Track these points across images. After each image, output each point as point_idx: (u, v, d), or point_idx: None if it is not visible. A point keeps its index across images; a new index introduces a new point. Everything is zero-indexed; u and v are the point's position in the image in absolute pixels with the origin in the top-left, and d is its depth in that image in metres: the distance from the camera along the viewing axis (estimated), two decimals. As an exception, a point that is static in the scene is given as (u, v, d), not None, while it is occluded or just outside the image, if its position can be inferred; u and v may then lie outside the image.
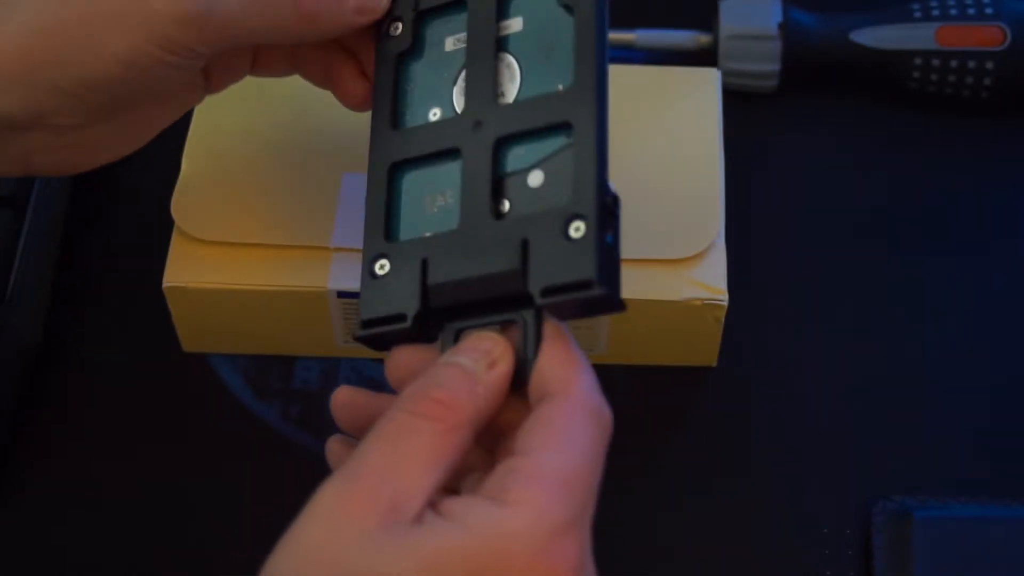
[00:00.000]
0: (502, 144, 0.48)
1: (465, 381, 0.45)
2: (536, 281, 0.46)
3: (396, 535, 0.42)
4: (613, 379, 0.63)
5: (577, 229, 0.46)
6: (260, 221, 0.60)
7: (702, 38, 0.71)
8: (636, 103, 0.63)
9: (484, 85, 0.49)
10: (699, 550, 0.59)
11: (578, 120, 0.47)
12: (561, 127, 0.48)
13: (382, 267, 0.49)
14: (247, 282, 0.59)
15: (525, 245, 0.46)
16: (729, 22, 0.70)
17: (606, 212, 0.46)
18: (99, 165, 0.55)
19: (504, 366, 0.46)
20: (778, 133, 0.70)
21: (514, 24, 0.50)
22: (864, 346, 0.64)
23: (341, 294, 0.59)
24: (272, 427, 0.62)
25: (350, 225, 0.59)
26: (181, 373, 0.63)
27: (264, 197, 0.60)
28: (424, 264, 0.48)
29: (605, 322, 0.60)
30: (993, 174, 0.69)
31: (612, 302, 0.45)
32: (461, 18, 0.51)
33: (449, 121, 0.50)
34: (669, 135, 0.63)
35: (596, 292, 0.45)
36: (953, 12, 0.69)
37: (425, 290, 0.48)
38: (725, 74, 0.68)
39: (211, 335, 0.62)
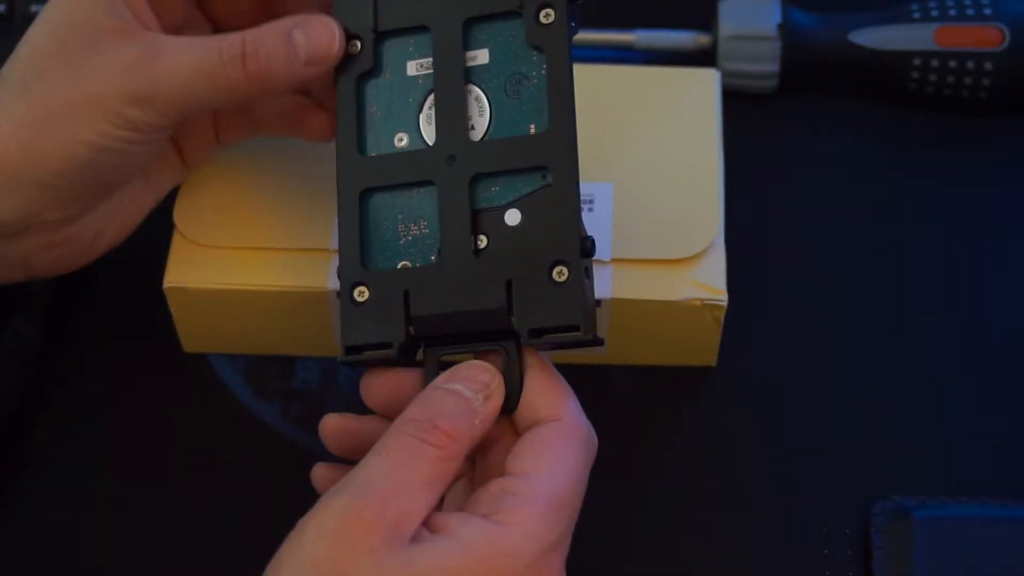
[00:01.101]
0: (477, 180, 0.51)
1: (468, 413, 0.48)
2: (523, 322, 0.49)
3: (398, 552, 0.44)
4: (613, 379, 0.63)
5: (560, 273, 0.49)
6: (262, 226, 0.60)
7: (701, 38, 0.71)
8: (636, 103, 0.64)
9: (456, 119, 0.51)
10: (699, 550, 0.59)
11: (556, 165, 0.50)
12: (537, 168, 0.50)
13: (361, 294, 0.51)
14: (247, 283, 0.59)
15: (509, 285, 0.49)
16: (728, 23, 0.70)
17: (586, 256, 0.49)
18: (96, 257, 0.57)
19: (498, 399, 0.49)
20: (777, 133, 0.70)
21: (480, 56, 0.52)
22: (864, 346, 0.64)
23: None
24: (272, 427, 0.62)
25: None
26: (181, 373, 0.63)
27: (265, 201, 0.60)
28: (407, 295, 0.50)
29: (605, 323, 0.60)
30: (993, 174, 0.69)
31: (593, 341, 0.49)
32: (422, 42, 0.52)
33: (421, 153, 0.52)
34: (669, 135, 0.63)
35: (581, 336, 0.48)
36: (952, 12, 0.69)
37: (409, 320, 0.50)
38: (724, 74, 0.68)
39: (211, 335, 0.62)
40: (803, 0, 0.71)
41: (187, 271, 0.59)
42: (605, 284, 0.59)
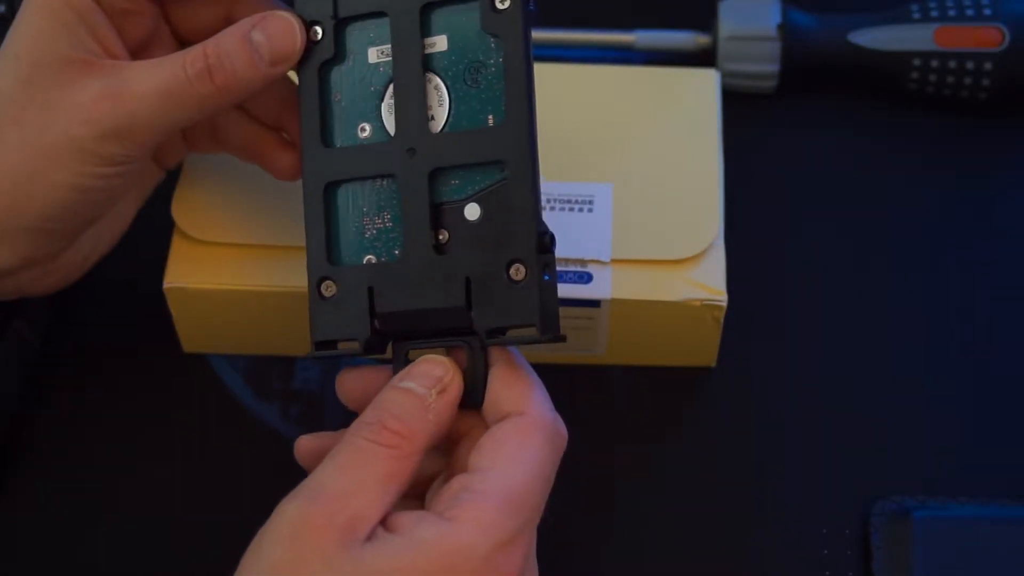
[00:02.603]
0: (437, 173, 0.50)
1: (419, 409, 0.48)
2: (481, 322, 0.49)
3: (352, 553, 0.45)
4: (613, 379, 0.63)
5: (517, 271, 0.48)
6: (260, 222, 0.60)
7: (701, 39, 0.71)
8: (636, 104, 0.64)
9: (415, 110, 0.50)
10: (698, 550, 0.59)
11: (512, 160, 0.49)
12: (495, 162, 0.49)
13: (328, 288, 0.51)
14: (247, 282, 0.59)
15: (468, 283, 0.49)
16: (728, 23, 0.70)
17: (543, 252, 0.48)
18: (89, 269, 0.58)
19: (453, 392, 0.49)
20: (777, 134, 0.70)
21: (439, 42, 0.51)
22: (864, 346, 0.64)
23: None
24: (272, 427, 0.62)
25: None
26: (181, 373, 0.63)
27: (264, 198, 0.60)
28: (371, 291, 0.50)
29: (605, 323, 0.60)
30: (992, 174, 0.69)
31: (554, 339, 0.49)
32: (382, 27, 0.51)
33: (382, 145, 0.51)
34: (669, 135, 0.63)
35: (537, 336, 0.48)
36: (952, 13, 0.69)
37: (373, 316, 0.50)
38: (724, 75, 0.68)
39: (211, 335, 0.62)
40: (803, 0, 0.71)
41: (187, 271, 0.59)
42: (605, 284, 0.59)
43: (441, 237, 0.50)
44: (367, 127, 0.51)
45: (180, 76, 0.50)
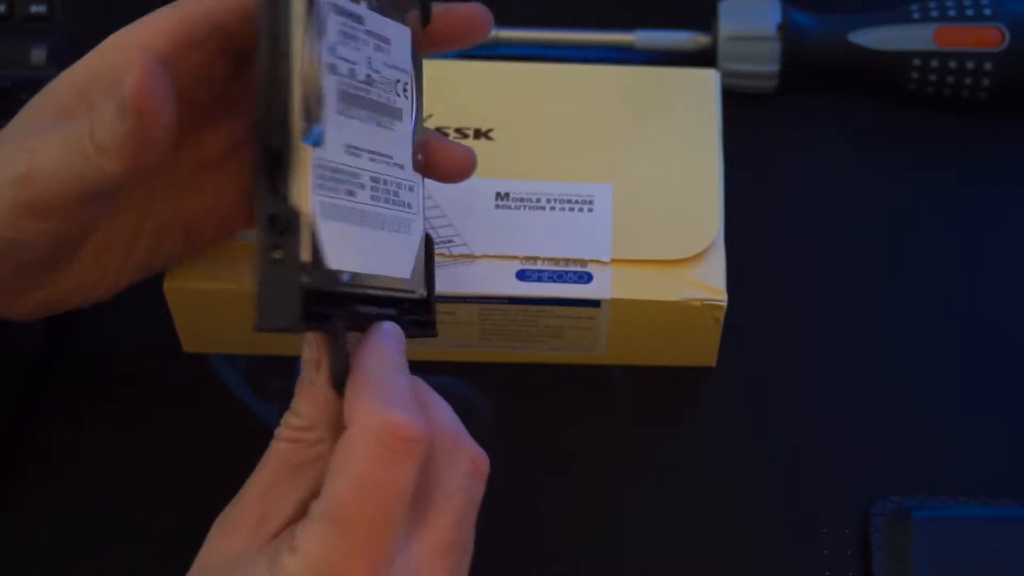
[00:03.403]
0: None
1: (310, 394, 0.47)
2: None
3: (256, 550, 0.46)
4: (613, 379, 0.63)
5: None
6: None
7: (701, 39, 0.71)
8: (636, 103, 0.64)
9: None
10: (698, 550, 0.59)
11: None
12: None
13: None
14: (247, 283, 0.59)
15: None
16: (728, 23, 0.70)
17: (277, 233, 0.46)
18: (58, 312, 0.55)
19: (325, 366, 0.47)
20: (777, 134, 0.70)
21: None
22: (863, 346, 0.64)
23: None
24: (272, 427, 0.62)
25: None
26: (181, 373, 0.63)
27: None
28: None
29: (605, 322, 0.60)
30: (993, 174, 0.69)
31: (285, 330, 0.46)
32: None
33: None
34: (669, 136, 0.63)
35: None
36: (952, 13, 0.69)
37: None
38: (724, 75, 0.68)
39: (211, 335, 0.62)
40: (803, 0, 0.71)
41: (187, 271, 0.59)
42: (605, 284, 0.59)
43: None
44: None
45: (77, 138, 0.47)
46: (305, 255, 0.46)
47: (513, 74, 0.65)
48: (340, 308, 0.47)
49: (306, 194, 0.46)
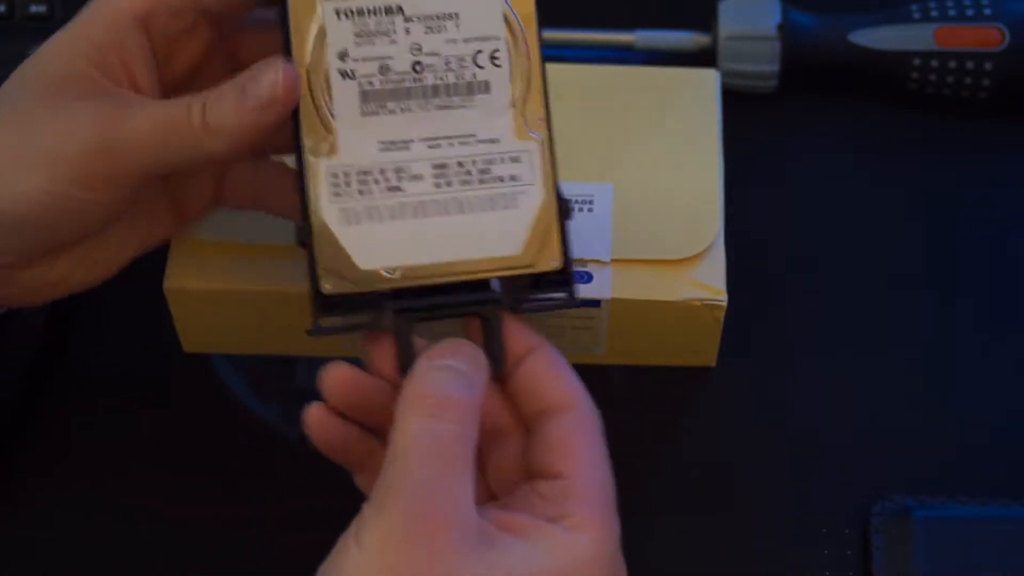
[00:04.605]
0: None
1: (467, 387, 0.47)
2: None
3: (472, 551, 0.44)
4: (613, 379, 0.63)
5: None
6: (260, 222, 0.60)
7: (701, 39, 0.71)
8: (636, 103, 0.64)
9: None
10: (698, 550, 0.59)
11: None
12: None
13: None
14: (247, 282, 0.59)
15: None
16: (728, 23, 0.70)
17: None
18: (63, 294, 0.55)
19: (486, 371, 0.48)
20: (777, 134, 0.70)
21: None
22: (863, 346, 0.64)
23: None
24: (272, 427, 0.62)
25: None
26: (181, 373, 0.63)
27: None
28: None
29: (605, 322, 0.60)
30: (992, 174, 0.69)
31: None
32: None
33: None
34: (669, 136, 0.63)
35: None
36: (952, 13, 0.69)
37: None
38: (724, 75, 0.68)
39: (211, 335, 0.62)
40: (803, 0, 0.71)
41: (187, 271, 0.59)
42: (605, 284, 0.59)
43: None
44: None
45: (178, 114, 0.49)
46: (327, 263, 0.48)
47: (513, 74, 0.65)
48: (383, 305, 0.48)
49: (319, 205, 0.48)
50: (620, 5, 0.74)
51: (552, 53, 0.71)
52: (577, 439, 0.48)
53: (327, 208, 0.48)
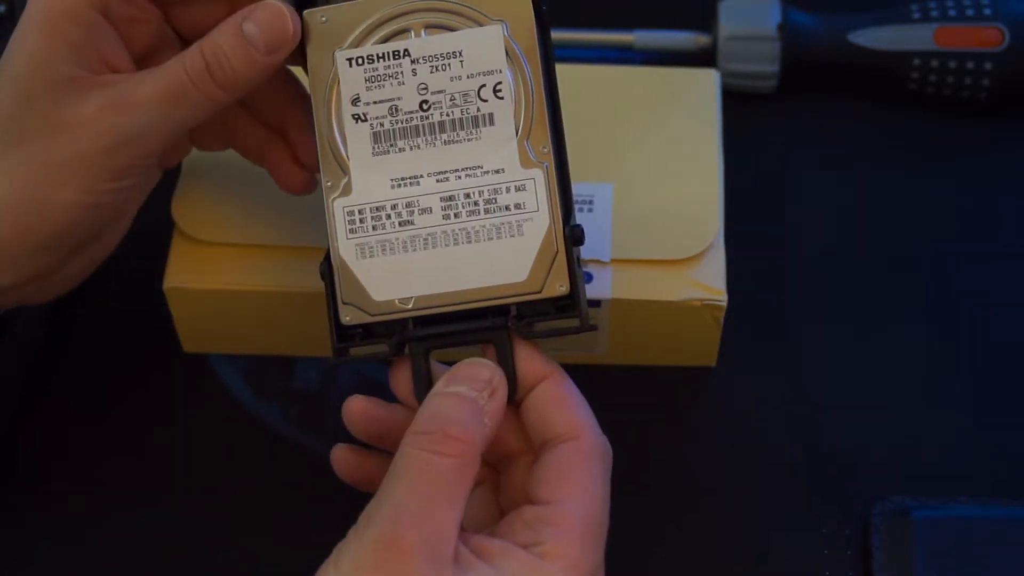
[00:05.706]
0: None
1: (475, 414, 0.47)
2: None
3: (443, 574, 0.44)
4: (613, 379, 0.63)
5: None
6: (260, 222, 0.60)
7: (701, 39, 0.71)
8: (636, 103, 0.64)
9: None
10: (698, 550, 0.59)
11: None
12: None
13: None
14: (247, 283, 0.59)
15: None
16: (728, 23, 0.70)
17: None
18: (88, 275, 0.57)
19: (502, 394, 0.48)
20: (777, 134, 0.70)
21: None
22: (863, 346, 0.64)
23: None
24: (272, 427, 0.62)
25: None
26: (181, 373, 0.63)
27: (264, 198, 0.60)
28: None
29: (605, 323, 0.60)
30: (992, 174, 0.69)
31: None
32: None
33: None
34: (669, 136, 0.63)
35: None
36: (952, 13, 0.69)
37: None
38: (724, 75, 0.68)
39: (211, 335, 0.62)
40: (803, 0, 0.71)
41: (187, 271, 0.59)
42: (605, 284, 0.59)
43: None
44: None
45: (181, 78, 0.50)
46: (346, 297, 0.51)
47: (513, 74, 0.65)
48: (398, 334, 0.50)
49: (338, 244, 0.51)
50: (620, 5, 0.74)
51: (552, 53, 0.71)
52: (572, 468, 0.48)
53: (344, 245, 0.51)
